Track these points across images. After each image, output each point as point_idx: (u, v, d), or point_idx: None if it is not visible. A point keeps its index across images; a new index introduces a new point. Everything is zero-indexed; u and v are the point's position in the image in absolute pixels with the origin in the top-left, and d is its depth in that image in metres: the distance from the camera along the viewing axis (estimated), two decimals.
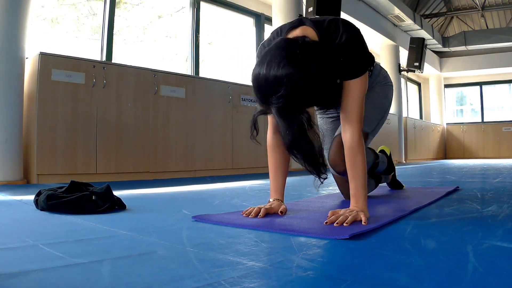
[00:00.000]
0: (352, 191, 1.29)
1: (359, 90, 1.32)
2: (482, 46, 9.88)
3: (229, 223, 1.24)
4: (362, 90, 1.33)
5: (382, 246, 0.97)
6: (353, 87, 1.31)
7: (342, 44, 1.28)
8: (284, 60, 1.08)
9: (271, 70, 1.08)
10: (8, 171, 2.87)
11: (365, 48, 1.35)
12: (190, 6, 5.15)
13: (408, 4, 8.62)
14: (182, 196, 2.22)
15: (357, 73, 1.31)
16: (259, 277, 0.72)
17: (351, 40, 1.30)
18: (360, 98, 1.33)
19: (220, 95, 4.32)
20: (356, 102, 1.32)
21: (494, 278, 0.70)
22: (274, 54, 1.11)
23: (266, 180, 3.23)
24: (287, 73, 1.07)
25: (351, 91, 1.31)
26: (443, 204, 1.70)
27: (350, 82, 1.31)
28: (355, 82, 1.31)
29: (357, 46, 1.31)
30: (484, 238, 1.02)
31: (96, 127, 3.27)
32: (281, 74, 1.07)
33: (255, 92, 1.14)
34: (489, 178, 3.23)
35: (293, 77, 1.07)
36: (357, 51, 1.31)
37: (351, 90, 1.31)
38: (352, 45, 1.30)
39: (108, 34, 4.19)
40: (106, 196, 1.54)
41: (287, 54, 1.09)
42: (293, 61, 1.08)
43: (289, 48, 1.11)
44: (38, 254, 0.88)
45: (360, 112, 1.33)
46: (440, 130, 10.85)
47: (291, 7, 5.04)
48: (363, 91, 1.33)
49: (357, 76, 1.31)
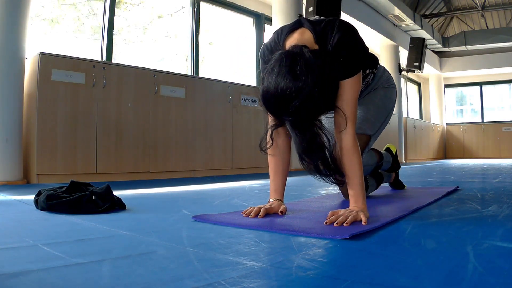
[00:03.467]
0: (351, 191, 1.29)
1: (353, 90, 1.32)
2: (482, 46, 9.88)
3: (229, 223, 1.24)
4: (356, 90, 1.33)
5: (382, 246, 0.97)
6: (347, 87, 1.31)
7: (335, 44, 1.29)
8: (288, 75, 1.10)
9: (278, 87, 1.11)
10: (8, 171, 2.87)
11: (359, 48, 1.36)
12: (190, 6, 5.15)
13: (408, 4, 8.62)
14: (182, 196, 2.22)
15: (350, 73, 1.31)
16: (259, 277, 0.72)
17: (343, 40, 1.30)
18: (354, 98, 1.33)
19: (220, 95, 4.32)
20: (351, 102, 1.31)
21: (494, 278, 0.70)
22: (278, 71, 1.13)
23: (266, 180, 3.23)
24: (294, 87, 1.09)
25: (345, 91, 1.31)
26: (443, 204, 1.70)
27: (343, 82, 1.31)
28: (348, 82, 1.31)
29: (349, 45, 1.31)
30: (484, 238, 1.02)
31: (96, 127, 3.27)
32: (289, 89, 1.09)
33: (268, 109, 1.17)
34: (489, 178, 3.23)
35: (301, 89, 1.09)
36: (349, 50, 1.31)
37: (345, 90, 1.31)
38: (344, 45, 1.30)
39: (108, 34, 4.19)
40: (106, 196, 1.54)
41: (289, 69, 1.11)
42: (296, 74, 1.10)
43: (289, 63, 1.13)
44: (38, 254, 0.88)
45: (354, 112, 1.33)
46: (440, 130, 10.86)
47: (291, 7, 5.04)
48: (357, 91, 1.34)
49: (350, 75, 1.31)
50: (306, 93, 1.09)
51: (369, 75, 1.67)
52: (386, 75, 1.76)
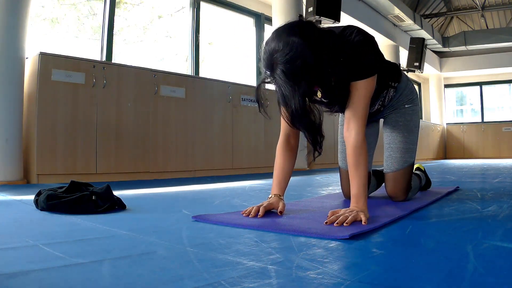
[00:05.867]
0: (353, 190, 1.30)
1: (365, 90, 1.36)
2: (482, 46, 9.88)
3: (229, 223, 1.24)
4: (369, 91, 1.37)
5: (382, 246, 0.97)
6: (359, 88, 1.35)
7: (354, 44, 1.35)
8: (295, 29, 1.19)
9: (281, 36, 1.18)
10: (8, 171, 2.87)
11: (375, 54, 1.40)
12: (190, 6, 5.15)
13: (408, 4, 8.62)
14: (182, 196, 2.22)
15: (363, 75, 1.35)
16: (259, 277, 0.72)
17: (363, 43, 1.36)
18: (366, 98, 1.36)
19: (220, 95, 4.32)
20: (361, 101, 1.36)
21: (494, 278, 0.70)
22: (286, 25, 1.22)
23: (266, 180, 3.24)
24: (294, 40, 1.15)
25: (357, 91, 1.35)
26: (443, 204, 1.70)
27: (356, 83, 1.36)
28: (361, 83, 1.35)
29: (367, 49, 1.36)
30: (484, 238, 1.02)
31: (96, 127, 3.27)
32: (288, 40, 1.16)
33: (262, 58, 1.22)
34: (489, 178, 3.23)
35: (299, 45, 1.15)
36: (366, 54, 1.36)
37: (357, 90, 1.35)
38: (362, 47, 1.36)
39: (108, 34, 4.18)
40: (106, 196, 1.54)
41: (299, 26, 1.20)
42: (302, 33, 1.17)
43: (301, 24, 1.22)
44: (38, 254, 0.88)
45: (364, 112, 1.36)
46: (440, 130, 10.85)
47: (291, 7, 5.04)
48: (369, 92, 1.37)
49: (363, 77, 1.35)
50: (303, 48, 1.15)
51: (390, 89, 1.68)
52: (410, 87, 1.76)
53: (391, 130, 1.74)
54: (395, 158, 1.70)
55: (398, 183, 1.69)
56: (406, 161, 1.70)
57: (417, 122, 1.77)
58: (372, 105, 1.66)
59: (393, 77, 1.67)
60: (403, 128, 1.72)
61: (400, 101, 1.72)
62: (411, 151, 1.72)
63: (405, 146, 1.71)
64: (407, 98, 1.73)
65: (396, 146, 1.71)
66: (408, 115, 1.73)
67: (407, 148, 1.71)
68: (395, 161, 1.70)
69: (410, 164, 1.72)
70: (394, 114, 1.74)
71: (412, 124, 1.74)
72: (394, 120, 1.73)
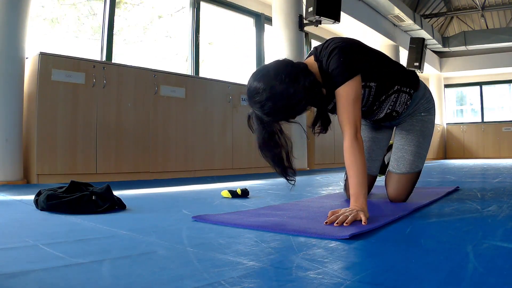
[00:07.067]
0: (352, 190, 1.30)
1: (347, 95, 1.36)
2: (482, 46, 9.87)
3: (229, 223, 1.24)
4: (351, 95, 1.36)
5: (382, 246, 0.97)
6: (339, 94, 1.37)
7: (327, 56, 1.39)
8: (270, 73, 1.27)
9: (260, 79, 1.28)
10: (8, 171, 2.87)
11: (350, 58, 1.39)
12: (190, 6, 5.15)
13: (408, 4, 8.62)
14: (182, 196, 2.22)
15: (338, 82, 1.37)
16: (259, 277, 0.72)
17: (332, 51, 1.39)
18: (352, 101, 1.36)
19: (220, 95, 4.32)
20: (347, 107, 1.36)
21: (494, 278, 0.70)
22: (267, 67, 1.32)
23: (266, 180, 3.23)
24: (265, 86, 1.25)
25: (340, 98, 1.37)
26: (443, 204, 1.70)
27: (337, 92, 1.38)
28: (340, 90, 1.37)
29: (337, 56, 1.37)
30: (484, 238, 1.02)
31: (96, 127, 3.27)
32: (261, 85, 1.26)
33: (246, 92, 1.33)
34: (489, 178, 3.23)
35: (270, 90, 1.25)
36: (336, 60, 1.37)
37: (339, 97, 1.38)
38: (332, 55, 1.38)
39: (108, 34, 4.18)
40: (106, 196, 1.54)
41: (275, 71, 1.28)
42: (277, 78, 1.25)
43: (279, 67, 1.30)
44: (38, 254, 0.88)
45: (353, 115, 1.36)
46: (440, 130, 10.85)
47: (291, 7, 5.04)
48: (351, 95, 1.37)
49: (339, 84, 1.36)
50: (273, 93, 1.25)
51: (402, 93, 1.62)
52: (427, 96, 1.71)
53: (407, 133, 1.70)
54: (408, 160, 1.67)
55: (403, 187, 1.67)
56: (417, 166, 1.68)
57: (431, 131, 1.74)
58: (379, 108, 1.62)
59: (404, 82, 1.61)
60: (419, 133, 1.69)
61: (417, 110, 1.69)
62: (422, 157, 1.70)
63: (418, 150, 1.68)
64: (423, 107, 1.70)
65: (411, 149, 1.68)
66: (424, 122, 1.70)
67: (420, 153, 1.69)
68: (407, 163, 1.67)
69: (419, 170, 1.70)
70: (410, 119, 1.71)
71: (427, 131, 1.71)
72: (410, 123, 1.70)
